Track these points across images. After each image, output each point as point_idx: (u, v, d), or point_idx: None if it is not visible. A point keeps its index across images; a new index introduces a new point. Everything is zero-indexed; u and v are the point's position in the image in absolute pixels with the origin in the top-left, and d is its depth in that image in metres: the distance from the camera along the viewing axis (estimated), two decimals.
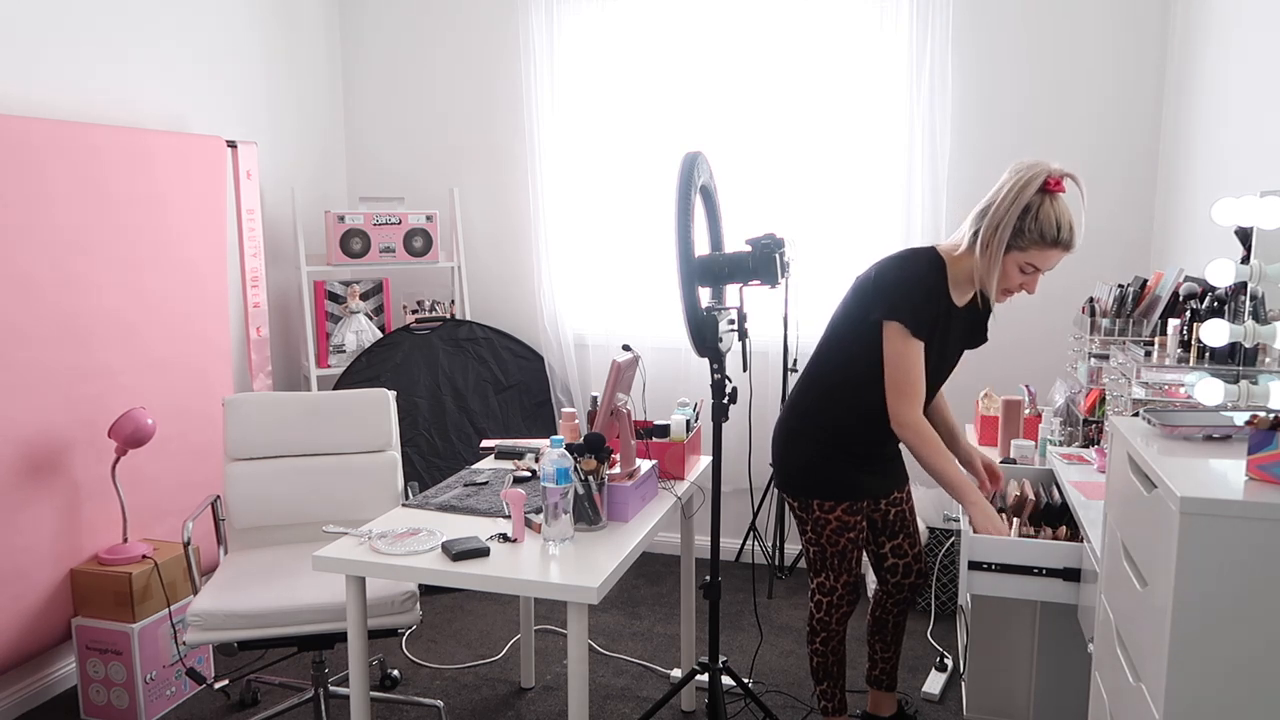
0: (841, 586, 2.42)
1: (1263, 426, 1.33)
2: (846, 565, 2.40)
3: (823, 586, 2.43)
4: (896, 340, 2.18)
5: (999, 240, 2.08)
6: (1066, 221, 2.06)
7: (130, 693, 2.81)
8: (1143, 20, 3.47)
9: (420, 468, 3.86)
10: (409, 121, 4.36)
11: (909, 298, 2.16)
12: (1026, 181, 2.04)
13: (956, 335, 2.31)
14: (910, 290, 2.17)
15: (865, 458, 2.36)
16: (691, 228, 2.39)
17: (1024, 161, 2.08)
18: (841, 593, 2.42)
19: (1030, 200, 2.04)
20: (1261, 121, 2.51)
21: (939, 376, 2.33)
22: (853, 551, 2.40)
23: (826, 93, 3.74)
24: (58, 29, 2.96)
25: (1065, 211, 2.06)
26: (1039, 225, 2.05)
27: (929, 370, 2.25)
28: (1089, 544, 1.99)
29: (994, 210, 2.09)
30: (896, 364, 2.19)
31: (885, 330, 2.19)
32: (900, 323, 2.15)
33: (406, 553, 2.09)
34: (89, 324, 2.94)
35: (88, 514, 2.94)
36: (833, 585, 2.41)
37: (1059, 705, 2.65)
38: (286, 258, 4.09)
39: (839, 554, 2.39)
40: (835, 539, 2.38)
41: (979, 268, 2.15)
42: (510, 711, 2.92)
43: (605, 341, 4.15)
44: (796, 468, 2.38)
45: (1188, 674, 1.28)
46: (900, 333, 2.17)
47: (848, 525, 2.37)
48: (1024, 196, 2.04)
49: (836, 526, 2.36)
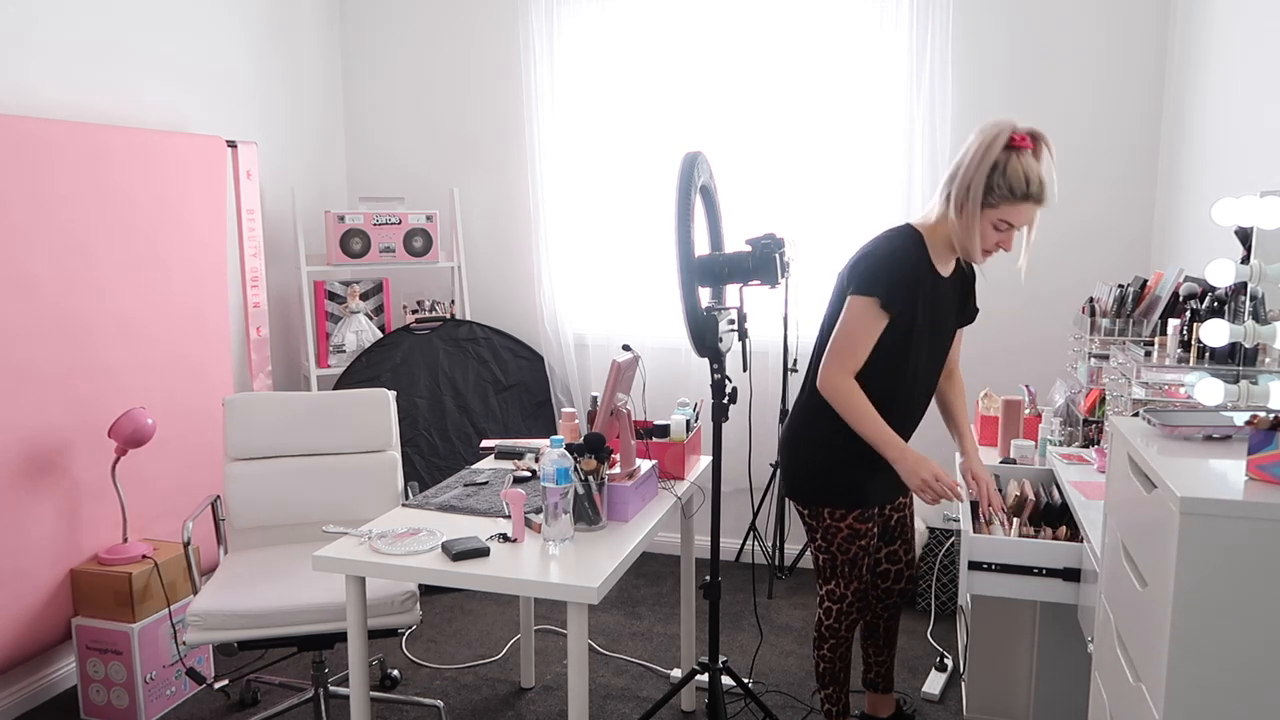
0: (852, 594, 2.39)
1: (1263, 426, 1.33)
2: (857, 572, 2.37)
3: (833, 594, 2.40)
4: (858, 310, 2.15)
5: (973, 199, 2.08)
6: (1036, 176, 2.06)
7: (130, 693, 2.81)
8: (1143, 21, 3.47)
9: (420, 468, 3.86)
10: (409, 121, 4.36)
11: (888, 273, 2.14)
12: (991, 140, 2.05)
13: (949, 306, 2.30)
14: (890, 265, 2.15)
15: (874, 459, 2.29)
16: (691, 228, 2.39)
17: (988, 121, 2.09)
18: (852, 600, 2.39)
19: (998, 158, 2.05)
20: (1261, 122, 2.51)
21: (939, 351, 2.31)
22: (863, 559, 2.36)
23: (826, 93, 3.73)
24: (57, 29, 2.96)
25: (1034, 166, 2.07)
26: (1008, 181, 2.05)
27: (927, 345, 2.24)
28: (1089, 544, 1.99)
29: (963, 171, 2.09)
30: (848, 331, 2.17)
31: (850, 302, 2.16)
32: (874, 298, 2.13)
33: (406, 553, 2.09)
34: (89, 323, 2.94)
35: (88, 514, 2.94)
36: (843, 593, 2.38)
37: (1059, 705, 2.65)
38: (286, 258, 4.09)
39: (850, 561, 2.36)
40: (846, 546, 2.34)
41: (956, 231, 2.14)
42: (510, 711, 2.92)
43: (605, 341, 4.15)
44: (806, 474, 2.35)
45: (1188, 674, 1.28)
46: (866, 306, 2.14)
47: (859, 533, 2.33)
48: (991, 154, 2.05)
49: (848, 534, 2.33)
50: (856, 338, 2.16)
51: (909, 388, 2.29)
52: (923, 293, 2.18)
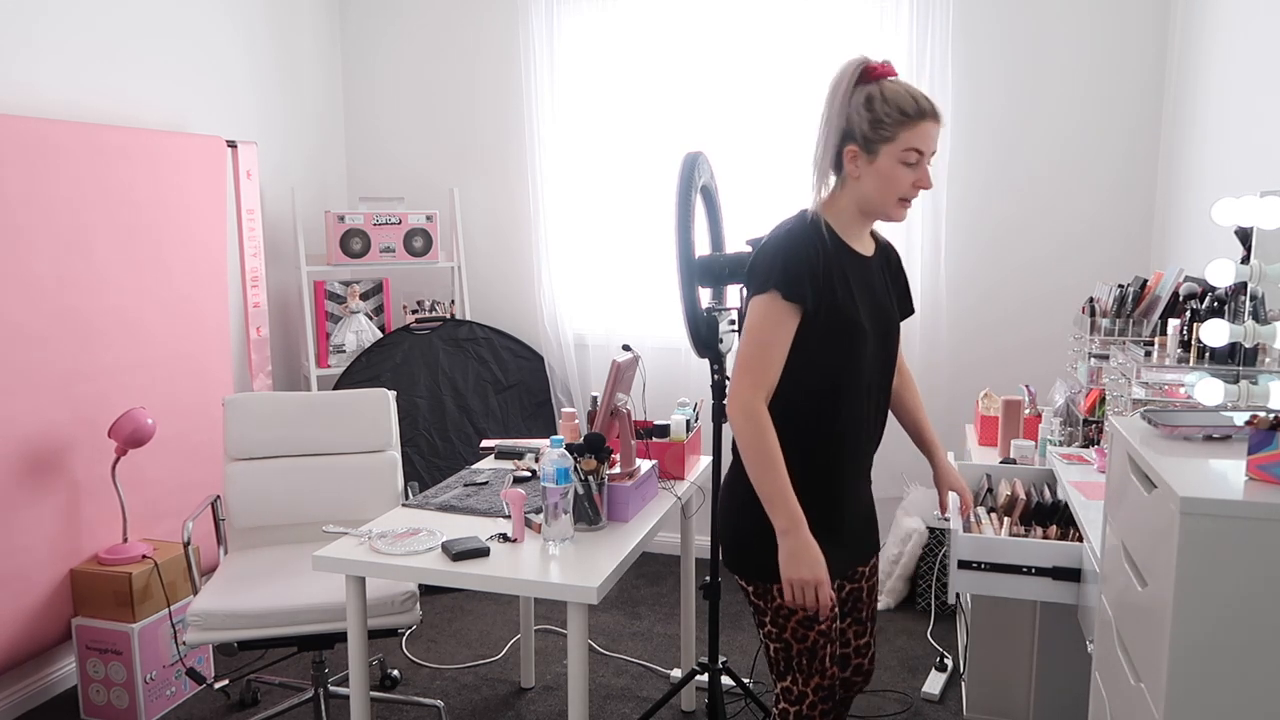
0: (813, 691, 1.88)
1: (1263, 426, 1.33)
2: (818, 665, 1.87)
3: (789, 693, 1.90)
4: (759, 312, 1.75)
5: (865, 142, 1.75)
6: (918, 92, 1.76)
7: (130, 693, 2.81)
8: (1143, 21, 3.47)
9: (420, 468, 3.86)
10: (409, 121, 4.36)
11: (783, 260, 1.74)
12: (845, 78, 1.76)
13: (883, 289, 1.89)
14: (786, 252, 1.75)
15: (834, 519, 1.86)
16: (692, 228, 2.39)
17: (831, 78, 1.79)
18: (814, 699, 1.89)
19: (869, 91, 1.74)
20: (1261, 121, 2.51)
21: (891, 353, 1.89)
22: (824, 647, 1.86)
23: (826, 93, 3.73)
24: (59, 29, 2.96)
25: (909, 86, 1.76)
26: (895, 104, 1.72)
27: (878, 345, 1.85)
28: (1089, 544, 1.99)
29: (831, 125, 1.77)
30: (753, 338, 1.75)
31: (750, 307, 1.77)
32: (773, 290, 1.74)
33: (406, 553, 2.09)
34: (89, 323, 2.94)
35: (88, 514, 2.94)
36: (801, 691, 1.89)
37: (1059, 705, 2.65)
38: (286, 258, 4.09)
39: (808, 651, 1.86)
40: (802, 633, 1.85)
41: (863, 192, 1.79)
42: (510, 711, 2.92)
43: (605, 341, 4.15)
44: (752, 540, 1.82)
45: (1188, 674, 1.28)
46: (767, 304, 1.74)
47: (814, 616, 1.84)
48: (855, 94, 1.75)
49: (802, 618, 1.84)
50: (765, 343, 1.74)
51: (863, 407, 1.84)
52: (848, 278, 1.80)
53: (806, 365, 1.77)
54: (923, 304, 3.70)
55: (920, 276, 3.68)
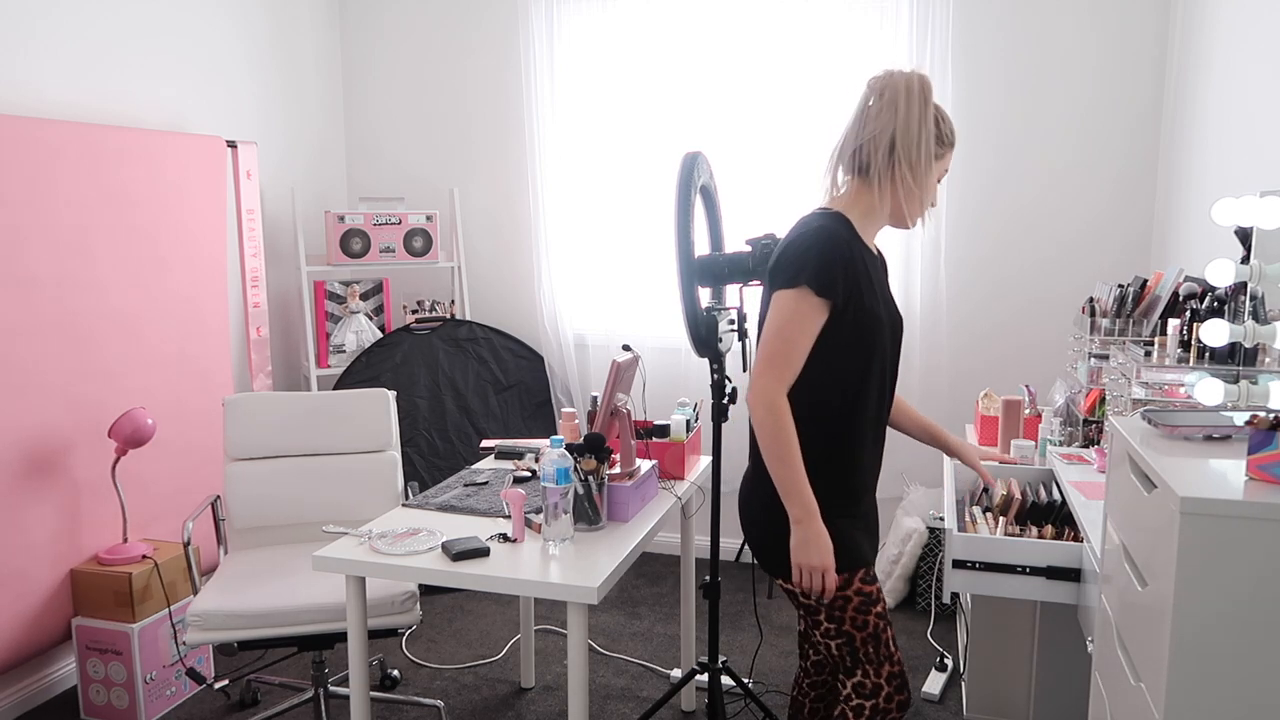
0: (886, 681, 1.87)
1: (1263, 426, 1.33)
2: (885, 650, 1.87)
3: (861, 688, 1.87)
4: (788, 306, 1.75)
5: (926, 156, 1.78)
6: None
7: (130, 693, 2.81)
8: (1142, 21, 3.47)
9: (420, 468, 3.86)
10: (409, 121, 4.36)
11: (817, 254, 1.74)
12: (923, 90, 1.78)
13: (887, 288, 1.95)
14: (820, 246, 1.75)
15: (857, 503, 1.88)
16: (691, 228, 2.39)
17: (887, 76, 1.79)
18: (889, 690, 1.87)
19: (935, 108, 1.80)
20: (1261, 121, 2.51)
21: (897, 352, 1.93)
22: (885, 629, 1.86)
23: (827, 94, 3.73)
24: (59, 30, 2.96)
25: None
26: (949, 126, 1.84)
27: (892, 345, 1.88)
28: (1089, 544, 1.99)
29: (906, 131, 1.76)
30: (779, 330, 1.75)
31: (777, 300, 1.76)
32: (804, 286, 1.73)
33: (406, 553, 2.09)
34: (89, 323, 2.94)
35: (88, 514, 2.94)
36: (876, 683, 1.86)
37: (1059, 705, 2.65)
38: (286, 258, 4.09)
39: (872, 638, 1.85)
40: (862, 620, 1.83)
41: (901, 199, 1.81)
42: (510, 711, 2.92)
43: (605, 341, 4.15)
44: (784, 537, 1.80)
45: (1188, 674, 1.28)
46: (798, 298, 1.74)
47: (871, 597, 1.83)
48: (928, 107, 1.78)
49: (859, 603, 1.82)
50: (791, 337, 1.74)
51: (879, 409, 1.87)
52: (869, 274, 1.82)
53: (832, 361, 1.79)
54: (923, 305, 3.70)
55: (921, 277, 3.68)
